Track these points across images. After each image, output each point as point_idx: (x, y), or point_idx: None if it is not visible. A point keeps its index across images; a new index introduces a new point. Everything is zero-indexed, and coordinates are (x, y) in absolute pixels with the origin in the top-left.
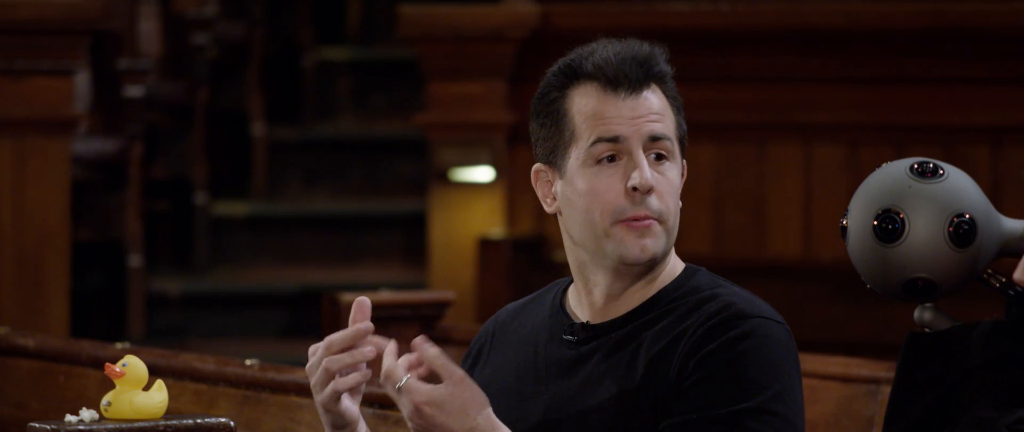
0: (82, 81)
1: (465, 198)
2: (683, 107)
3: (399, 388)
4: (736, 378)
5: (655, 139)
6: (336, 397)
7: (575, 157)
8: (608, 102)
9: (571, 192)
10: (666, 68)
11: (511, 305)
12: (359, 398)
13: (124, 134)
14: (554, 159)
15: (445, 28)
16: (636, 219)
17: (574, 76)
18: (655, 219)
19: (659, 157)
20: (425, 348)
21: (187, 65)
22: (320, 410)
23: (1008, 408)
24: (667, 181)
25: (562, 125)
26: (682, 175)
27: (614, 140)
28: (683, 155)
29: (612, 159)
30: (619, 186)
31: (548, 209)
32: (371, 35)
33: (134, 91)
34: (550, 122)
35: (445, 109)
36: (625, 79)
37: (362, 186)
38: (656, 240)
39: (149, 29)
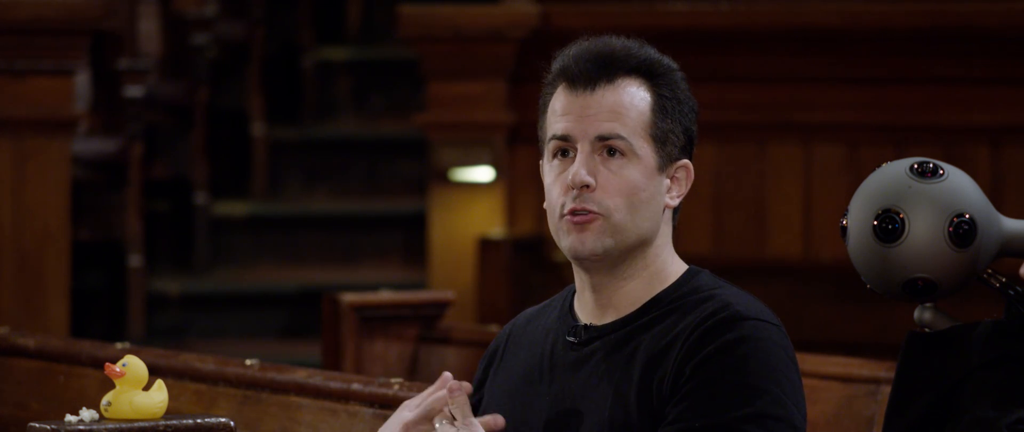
0: (82, 81)
1: (465, 198)
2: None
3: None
4: (735, 383)
5: (603, 138)
6: None
7: (545, 152)
8: (567, 100)
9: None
10: (647, 64)
11: (529, 310)
12: None
13: (124, 134)
14: (542, 151)
15: (445, 28)
16: (574, 212)
17: (553, 75)
18: (599, 214)
19: (612, 152)
20: (459, 391)
21: (187, 65)
22: None
23: (1008, 408)
24: (617, 177)
25: (543, 120)
26: (686, 177)
27: (563, 137)
28: (667, 152)
29: (567, 154)
30: (565, 181)
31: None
32: (371, 35)
33: (134, 91)
34: (541, 116)
35: (445, 109)
36: (581, 77)
37: (362, 186)
38: (598, 237)
39: (149, 29)
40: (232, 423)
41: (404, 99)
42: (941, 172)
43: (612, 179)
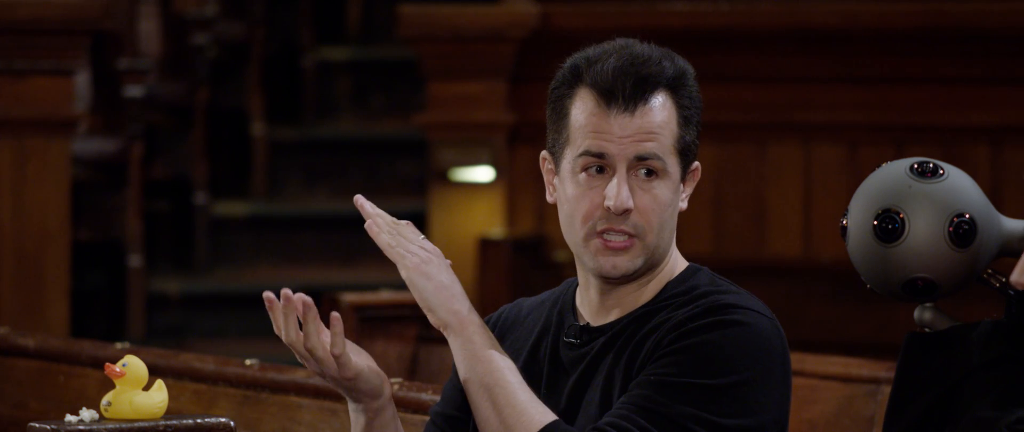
0: (82, 81)
1: (465, 198)
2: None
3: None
4: (705, 356)
5: (642, 158)
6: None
7: (568, 160)
8: (601, 115)
9: (561, 193)
10: (675, 78)
11: (525, 301)
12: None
13: (124, 134)
14: (555, 152)
15: (445, 28)
16: (610, 232)
17: (579, 79)
18: (633, 236)
19: (648, 173)
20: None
21: (187, 65)
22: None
23: (1008, 408)
24: (652, 198)
25: (563, 124)
26: (694, 178)
27: (599, 156)
28: (688, 162)
29: (600, 171)
30: (599, 199)
31: (549, 198)
32: (371, 35)
33: (134, 91)
34: (555, 116)
35: (445, 109)
36: (620, 95)
37: (362, 186)
38: (631, 259)
39: (149, 29)
40: (232, 423)
41: (404, 99)
42: (941, 172)
43: (647, 200)
